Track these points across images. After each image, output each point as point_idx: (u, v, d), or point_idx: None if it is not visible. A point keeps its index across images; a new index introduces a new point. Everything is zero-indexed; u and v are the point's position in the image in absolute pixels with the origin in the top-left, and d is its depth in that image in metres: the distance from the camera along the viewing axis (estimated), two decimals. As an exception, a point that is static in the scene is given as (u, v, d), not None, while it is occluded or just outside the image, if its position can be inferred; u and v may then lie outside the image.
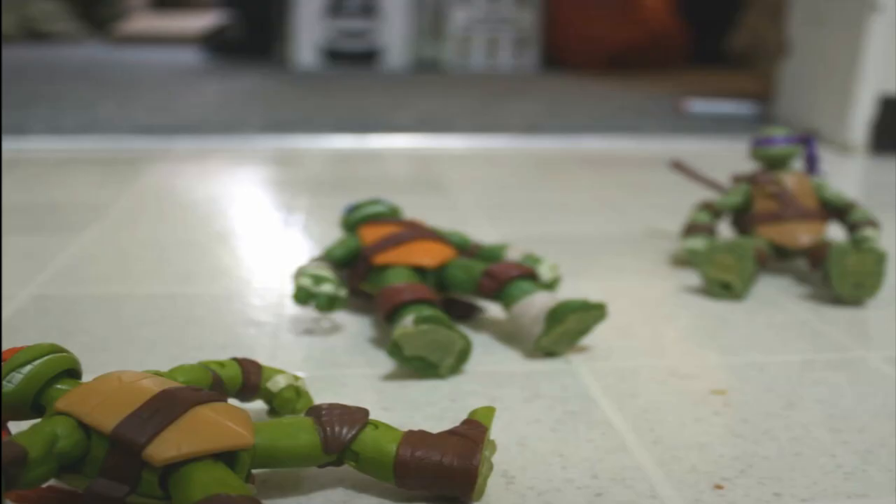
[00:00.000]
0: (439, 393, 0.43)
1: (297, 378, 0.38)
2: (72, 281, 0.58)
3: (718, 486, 0.35)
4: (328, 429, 0.32)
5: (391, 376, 0.44)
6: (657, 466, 0.36)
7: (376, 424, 0.33)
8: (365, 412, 0.33)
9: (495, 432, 0.39)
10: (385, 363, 0.46)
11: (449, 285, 0.51)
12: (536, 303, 0.47)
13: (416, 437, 0.33)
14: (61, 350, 0.33)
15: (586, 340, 0.49)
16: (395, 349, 0.43)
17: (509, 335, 0.50)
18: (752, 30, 1.95)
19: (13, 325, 0.50)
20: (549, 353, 0.47)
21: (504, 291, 0.48)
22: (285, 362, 0.46)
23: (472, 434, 0.33)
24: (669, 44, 2.18)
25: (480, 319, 0.53)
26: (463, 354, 0.44)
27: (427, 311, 0.44)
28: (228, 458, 0.30)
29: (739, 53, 2.05)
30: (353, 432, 0.32)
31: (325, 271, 0.49)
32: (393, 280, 0.48)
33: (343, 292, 0.49)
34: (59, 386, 0.32)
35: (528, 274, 0.49)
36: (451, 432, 0.33)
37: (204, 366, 0.35)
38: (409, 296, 0.46)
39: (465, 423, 0.34)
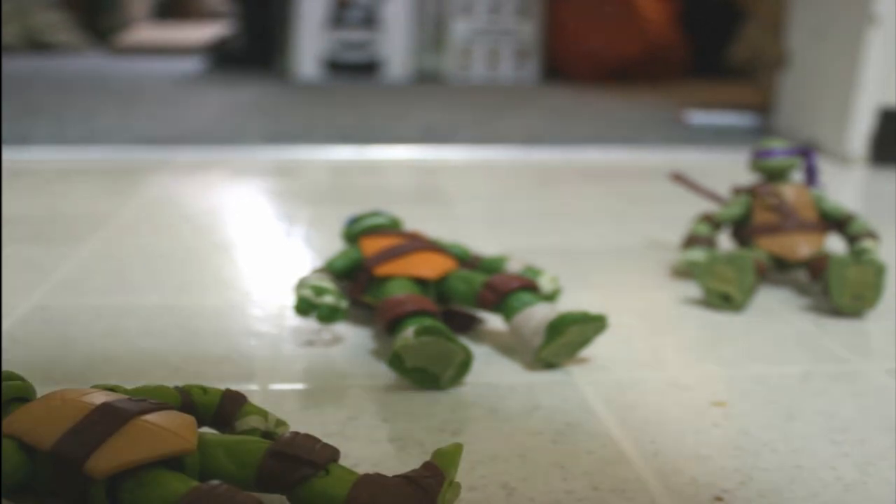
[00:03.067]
0: (440, 404, 0.43)
1: (279, 423, 0.37)
2: (73, 292, 0.58)
3: (718, 499, 0.35)
4: (273, 462, 0.30)
5: (392, 388, 0.44)
6: (657, 478, 0.36)
7: (328, 470, 0.30)
8: (329, 452, 0.31)
9: (496, 444, 0.39)
10: (386, 375, 0.46)
11: (449, 297, 0.51)
12: (537, 314, 0.47)
13: (368, 486, 0.30)
14: (15, 378, 0.33)
15: (586, 352, 0.49)
16: (395, 361, 0.43)
17: (509, 347, 0.50)
18: (752, 42, 1.96)
19: (14, 336, 0.50)
20: (550, 365, 0.47)
21: (504, 303, 0.48)
22: (285, 373, 0.46)
23: (428, 484, 0.30)
24: (670, 56, 2.18)
25: (480, 331, 0.53)
26: (464, 366, 0.44)
27: (428, 323, 0.44)
28: (176, 464, 0.30)
29: (739, 65, 2.05)
30: (296, 477, 0.30)
31: (327, 282, 0.49)
32: (394, 291, 0.48)
33: (344, 303, 0.49)
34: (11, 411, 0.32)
35: (528, 286, 0.49)
36: (408, 478, 0.30)
37: (178, 388, 0.35)
38: (411, 307, 0.46)
39: (425, 466, 0.31)
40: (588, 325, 0.46)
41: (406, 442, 0.39)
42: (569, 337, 0.46)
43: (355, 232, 0.55)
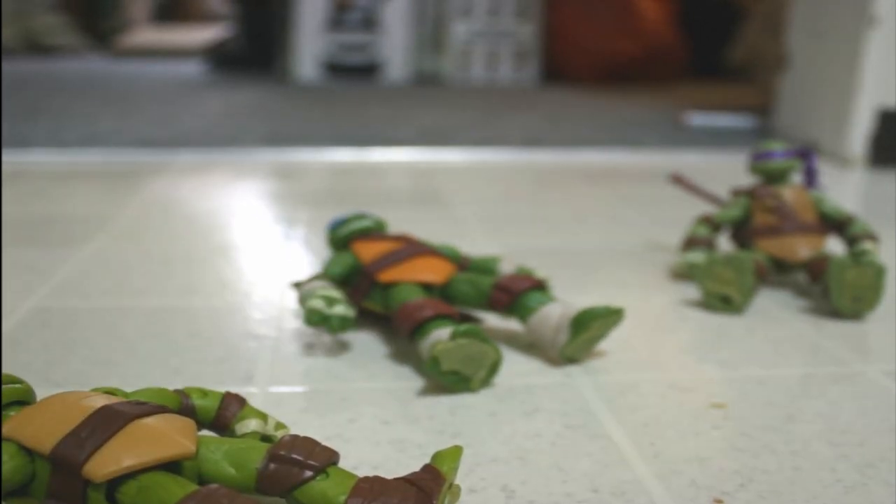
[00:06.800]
0: (439, 407, 0.43)
1: (278, 426, 0.37)
2: (73, 294, 0.58)
3: (718, 501, 0.35)
4: (272, 465, 0.30)
5: (391, 390, 0.44)
6: (657, 480, 0.36)
7: (328, 473, 0.30)
8: (328, 455, 0.31)
9: (495, 446, 0.39)
10: (385, 377, 0.46)
11: (454, 300, 0.51)
12: (554, 312, 0.47)
13: (367, 489, 0.29)
14: (15, 381, 0.33)
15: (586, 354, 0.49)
16: (433, 364, 0.43)
17: (508, 348, 0.50)
18: (752, 43, 1.96)
19: (14, 339, 0.50)
20: (571, 360, 0.48)
21: (518, 303, 0.49)
22: (285, 376, 0.46)
23: (429, 486, 0.30)
24: (669, 57, 2.18)
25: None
26: (494, 367, 0.45)
27: (463, 326, 0.43)
28: (175, 468, 0.29)
29: (739, 66, 2.05)
30: (296, 480, 0.30)
31: (335, 292, 0.48)
32: (406, 297, 0.48)
33: (353, 312, 0.48)
34: (10, 415, 0.32)
35: (539, 285, 0.50)
36: (408, 480, 0.30)
37: (178, 391, 0.35)
38: (432, 312, 0.46)
39: (425, 468, 0.31)
40: (609, 319, 0.47)
41: (406, 444, 0.39)
42: (592, 332, 0.47)
43: (343, 236, 0.54)
